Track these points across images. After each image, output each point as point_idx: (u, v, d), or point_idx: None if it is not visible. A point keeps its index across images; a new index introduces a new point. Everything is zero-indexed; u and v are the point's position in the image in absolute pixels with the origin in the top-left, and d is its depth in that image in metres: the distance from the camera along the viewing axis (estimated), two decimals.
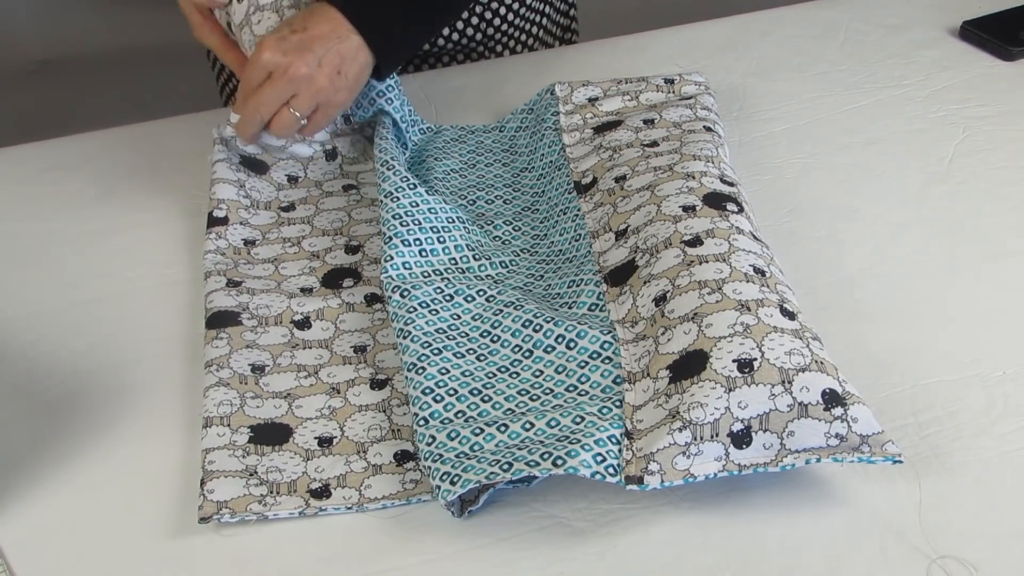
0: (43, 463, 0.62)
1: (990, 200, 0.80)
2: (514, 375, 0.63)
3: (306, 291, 0.73)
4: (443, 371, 0.63)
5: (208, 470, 0.59)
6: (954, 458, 0.60)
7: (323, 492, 0.58)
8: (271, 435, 0.62)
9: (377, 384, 0.65)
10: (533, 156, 0.85)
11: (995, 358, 0.66)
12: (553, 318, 0.65)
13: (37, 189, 0.86)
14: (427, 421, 0.59)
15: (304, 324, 0.70)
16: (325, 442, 0.61)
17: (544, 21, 1.10)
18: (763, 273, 0.63)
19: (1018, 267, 0.74)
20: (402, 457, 0.60)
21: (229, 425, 0.62)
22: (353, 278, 0.74)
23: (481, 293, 0.69)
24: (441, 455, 0.57)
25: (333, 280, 0.74)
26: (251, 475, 0.59)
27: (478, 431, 0.58)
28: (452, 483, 0.55)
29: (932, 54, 0.99)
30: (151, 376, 0.68)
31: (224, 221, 0.77)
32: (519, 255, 0.75)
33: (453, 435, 0.58)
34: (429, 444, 0.58)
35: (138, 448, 0.63)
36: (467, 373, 0.63)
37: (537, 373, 0.63)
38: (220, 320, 0.69)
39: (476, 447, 0.57)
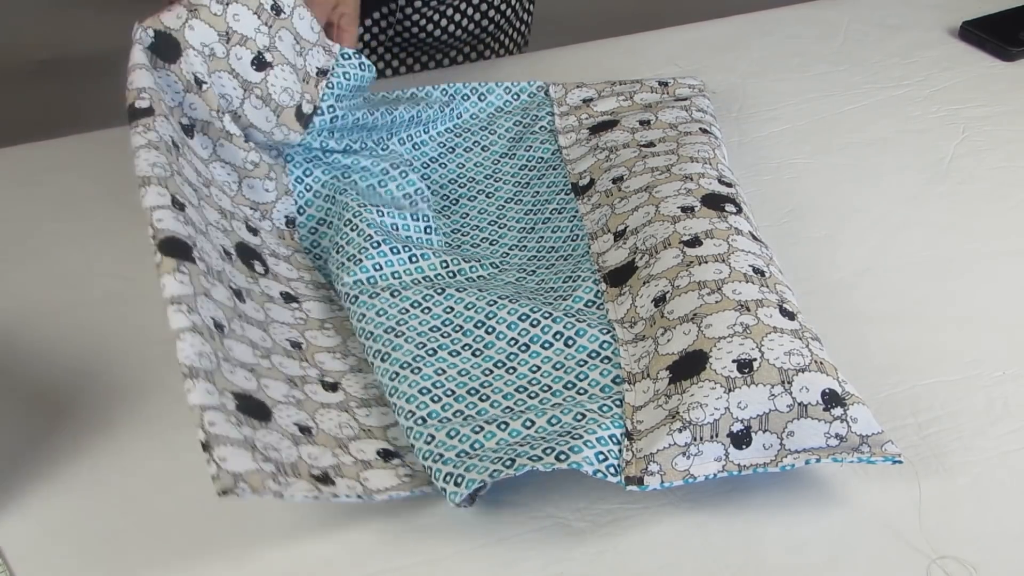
0: (43, 463, 0.62)
1: (990, 200, 0.80)
2: (511, 370, 0.63)
3: (228, 256, 0.63)
4: (439, 371, 0.62)
5: (212, 433, 0.49)
6: (954, 458, 0.60)
7: (326, 479, 0.53)
8: (255, 410, 0.54)
9: (329, 387, 0.61)
10: (517, 145, 0.85)
11: (995, 358, 0.66)
12: (551, 314, 0.65)
13: (37, 189, 0.86)
14: (425, 420, 0.59)
15: (240, 296, 0.61)
16: (305, 430, 0.56)
17: (523, 20, 1.12)
18: (762, 273, 0.63)
19: (1018, 267, 0.74)
20: (386, 455, 0.58)
21: (215, 383, 0.52)
22: (261, 264, 0.67)
23: (473, 283, 0.68)
24: (442, 455, 0.57)
25: (245, 256, 0.66)
26: (253, 448, 0.51)
27: (478, 429, 0.58)
28: (456, 484, 0.55)
29: (932, 54, 0.99)
30: (151, 376, 0.68)
31: (150, 112, 0.65)
32: (508, 253, 0.75)
33: (453, 433, 0.58)
34: (428, 443, 0.58)
35: (138, 448, 0.63)
36: (463, 372, 0.63)
37: (534, 369, 0.63)
38: (176, 249, 0.57)
39: (477, 445, 0.57)
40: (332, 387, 0.61)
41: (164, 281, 0.54)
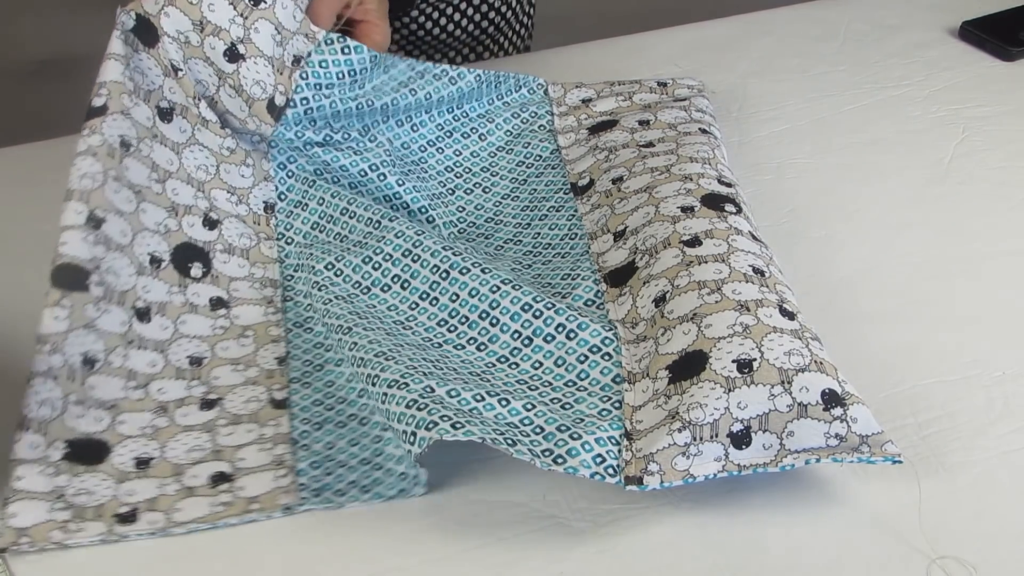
0: None
1: (990, 200, 0.80)
2: (513, 366, 0.63)
3: (156, 264, 0.65)
4: (443, 356, 0.63)
5: (16, 488, 0.54)
6: (954, 458, 0.60)
7: (130, 517, 0.56)
8: (87, 453, 0.57)
9: (206, 404, 0.62)
10: (515, 140, 0.85)
11: (995, 358, 0.66)
12: (554, 305, 0.65)
13: (37, 189, 0.85)
14: (426, 376, 0.59)
15: (145, 315, 0.63)
16: (143, 463, 0.58)
17: (519, 17, 1.12)
18: (762, 273, 0.63)
19: (1018, 267, 0.74)
20: (218, 479, 0.58)
21: (46, 434, 0.56)
22: (203, 265, 0.68)
23: (476, 265, 0.68)
24: (442, 403, 0.56)
25: (182, 259, 0.67)
26: (58, 498, 0.55)
27: (480, 397, 0.58)
28: (454, 427, 0.54)
29: (932, 54, 0.99)
30: None
31: (103, 111, 0.66)
32: (503, 246, 0.75)
33: (453, 393, 0.58)
34: (425, 395, 0.57)
35: None
36: (467, 363, 0.63)
37: (536, 365, 0.63)
38: (68, 278, 0.59)
39: (475, 412, 0.57)
40: (210, 404, 0.62)
41: (43, 315, 0.57)
